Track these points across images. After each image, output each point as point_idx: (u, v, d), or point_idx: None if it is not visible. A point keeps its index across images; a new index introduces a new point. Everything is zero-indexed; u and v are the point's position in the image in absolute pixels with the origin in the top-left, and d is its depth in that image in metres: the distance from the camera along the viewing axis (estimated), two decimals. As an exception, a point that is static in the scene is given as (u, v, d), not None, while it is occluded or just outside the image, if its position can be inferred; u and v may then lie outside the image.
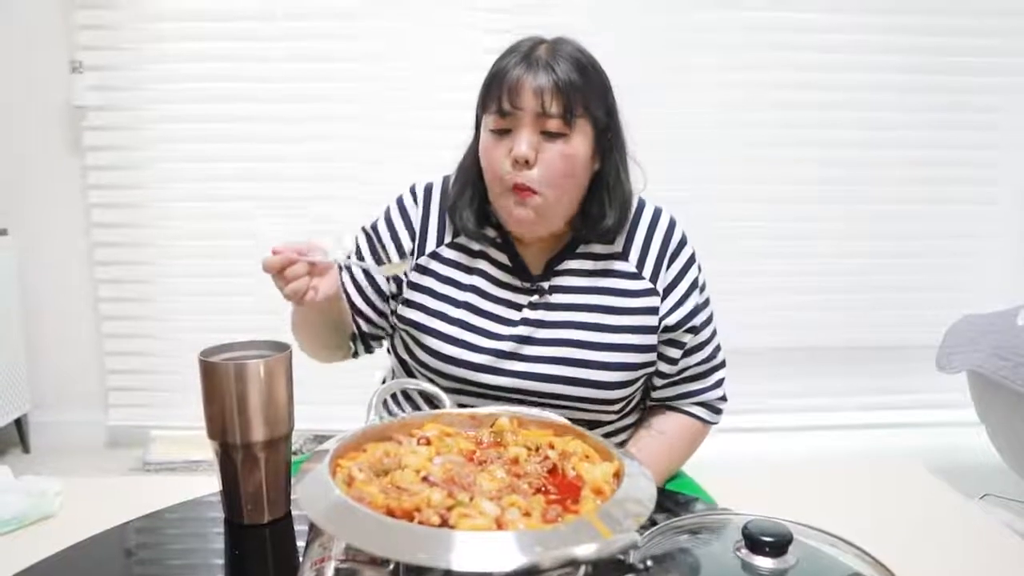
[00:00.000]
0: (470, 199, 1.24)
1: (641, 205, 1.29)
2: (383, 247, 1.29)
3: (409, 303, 1.26)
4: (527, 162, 1.12)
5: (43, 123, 2.92)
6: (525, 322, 1.21)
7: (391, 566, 0.66)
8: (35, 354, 3.02)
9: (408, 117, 2.94)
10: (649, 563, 0.63)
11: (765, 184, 3.12)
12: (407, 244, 1.28)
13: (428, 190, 1.32)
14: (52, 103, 2.90)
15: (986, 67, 3.12)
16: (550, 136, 1.12)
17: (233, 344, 0.98)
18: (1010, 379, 2.23)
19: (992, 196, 3.25)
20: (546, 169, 1.12)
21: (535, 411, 0.90)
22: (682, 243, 1.28)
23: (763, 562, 0.67)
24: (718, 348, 1.33)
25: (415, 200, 1.31)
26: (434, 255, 1.27)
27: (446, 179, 1.32)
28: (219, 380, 0.92)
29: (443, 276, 1.25)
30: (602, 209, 1.21)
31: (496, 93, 1.13)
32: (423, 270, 1.26)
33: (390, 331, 1.34)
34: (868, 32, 3.05)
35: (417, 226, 1.29)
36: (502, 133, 1.14)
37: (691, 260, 1.28)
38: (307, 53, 2.90)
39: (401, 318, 1.27)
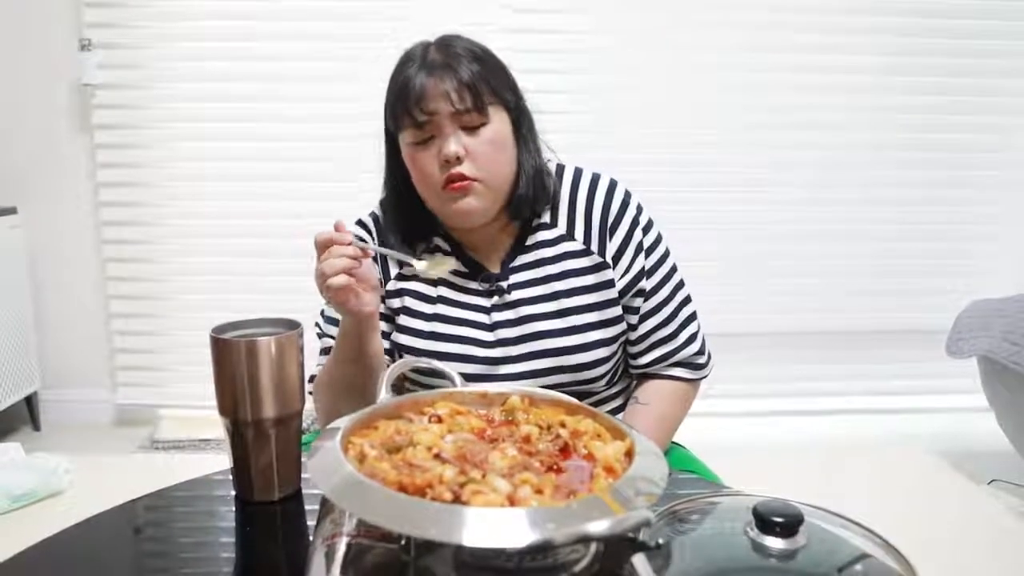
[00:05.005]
0: (408, 220, 1.25)
1: (578, 175, 1.29)
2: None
3: (393, 326, 1.28)
4: (458, 159, 1.13)
5: (52, 101, 2.93)
6: (498, 325, 1.23)
7: (403, 542, 0.66)
8: (44, 332, 3.03)
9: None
10: (660, 541, 0.63)
11: (769, 169, 3.11)
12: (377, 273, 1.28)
13: (375, 218, 1.32)
14: (61, 81, 2.90)
15: (995, 48, 3.11)
16: (471, 130, 1.14)
17: (244, 322, 0.98)
18: (1020, 364, 2.22)
19: (1002, 180, 3.23)
20: (477, 160, 1.14)
21: (546, 391, 0.90)
22: (623, 207, 1.26)
23: (773, 542, 0.66)
24: (683, 304, 1.31)
25: (366, 230, 1.31)
26: (400, 276, 1.28)
27: (383, 204, 1.33)
28: (230, 357, 0.91)
29: (414, 292, 1.26)
30: (517, 183, 1.22)
31: (405, 106, 1.14)
32: (394, 294, 1.27)
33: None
34: (874, 14, 3.03)
35: (376, 254, 1.29)
36: (424, 143, 1.16)
37: (634, 223, 1.26)
38: (318, 32, 2.89)
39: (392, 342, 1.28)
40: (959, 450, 2.77)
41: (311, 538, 0.76)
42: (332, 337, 1.26)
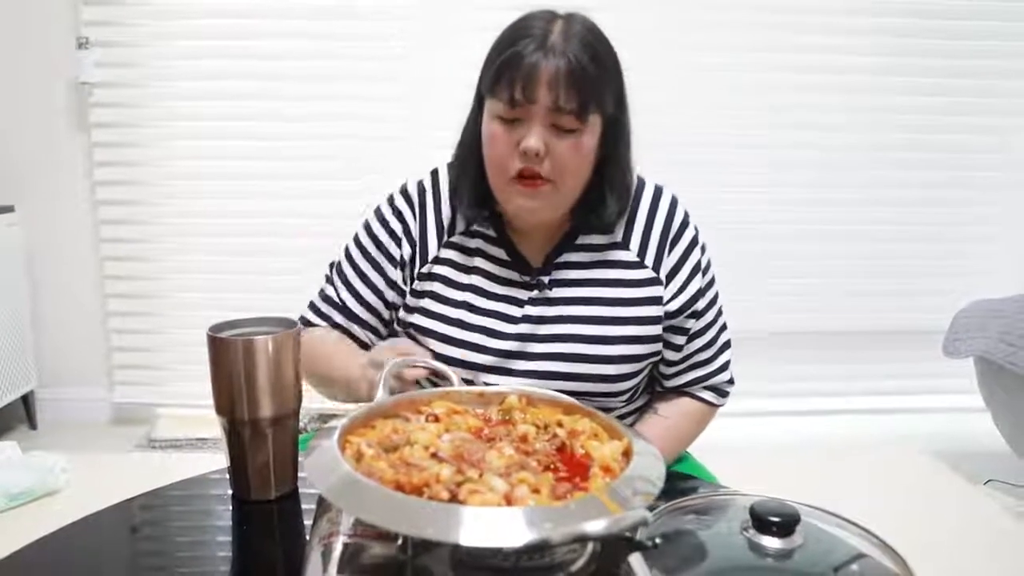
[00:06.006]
0: (471, 183, 1.19)
1: (640, 186, 1.24)
2: (387, 257, 1.25)
3: (410, 309, 1.24)
4: (537, 154, 1.07)
5: (49, 99, 2.92)
6: (527, 319, 1.19)
7: (400, 541, 0.66)
8: (41, 330, 3.02)
9: (410, 107, 2.93)
10: (657, 541, 0.63)
11: (770, 169, 3.11)
12: (407, 251, 1.24)
13: (421, 191, 1.27)
14: (58, 79, 2.90)
15: (994, 50, 3.11)
16: (561, 130, 1.08)
17: (241, 320, 0.98)
18: (1017, 365, 2.23)
19: (1000, 181, 3.23)
20: (556, 163, 1.08)
21: (543, 390, 0.90)
22: (684, 225, 1.24)
23: (770, 542, 0.67)
24: (723, 329, 1.30)
25: (409, 203, 1.26)
26: (435, 259, 1.23)
27: (435, 175, 1.28)
28: (227, 356, 0.91)
29: (443, 277, 1.22)
30: (603, 198, 1.17)
31: (508, 81, 1.06)
32: (427, 276, 1.23)
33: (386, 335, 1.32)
34: (873, 15, 3.04)
35: (416, 232, 1.24)
36: (511, 122, 1.08)
37: (693, 242, 1.24)
38: (317, 31, 2.89)
39: (402, 322, 1.25)
40: (956, 450, 2.78)
41: (308, 537, 0.76)
42: (336, 290, 1.27)
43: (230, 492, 0.97)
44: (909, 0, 3.04)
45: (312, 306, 1.30)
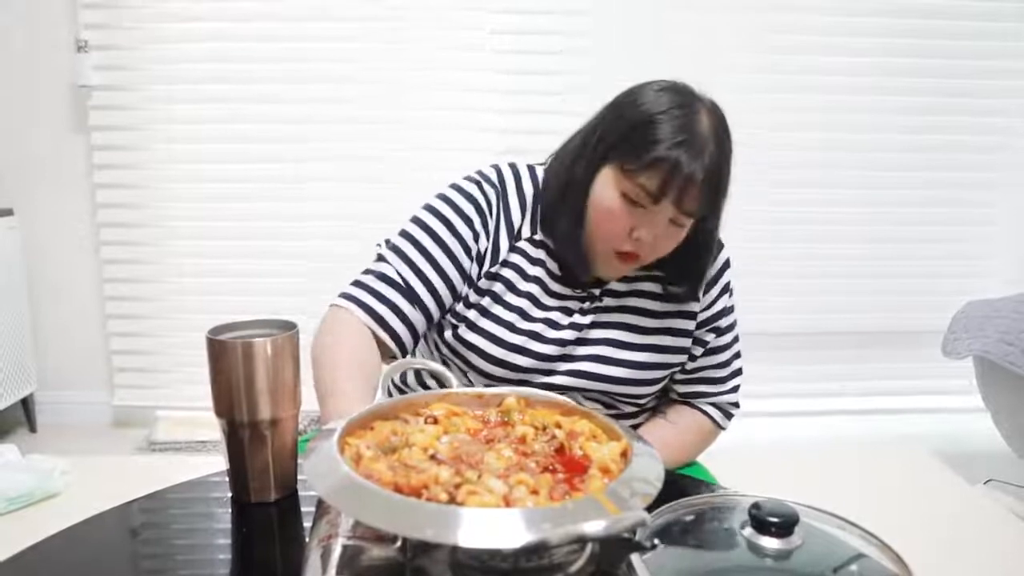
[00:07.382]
0: (570, 233, 1.18)
1: None
2: (464, 249, 1.23)
3: (469, 304, 1.23)
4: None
5: (48, 102, 2.92)
6: (573, 326, 1.21)
7: (399, 542, 0.66)
8: (41, 334, 3.03)
9: (409, 110, 2.93)
10: (656, 541, 0.63)
11: (771, 170, 3.11)
12: (483, 246, 1.24)
13: (497, 191, 1.26)
14: (57, 82, 2.90)
15: (994, 50, 3.12)
16: (675, 223, 1.11)
17: (240, 323, 0.98)
18: (1017, 364, 2.23)
19: (999, 182, 3.24)
20: (657, 246, 1.13)
21: (542, 392, 0.90)
22: (719, 246, 1.29)
23: (769, 542, 0.67)
24: (737, 355, 1.36)
25: (487, 200, 1.25)
26: (503, 262, 1.23)
27: (500, 174, 1.27)
28: (227, 358, 0.91)
29: (506, 280, 1.23)
30: (687, 274, 1.22)
31: (660, 182, 1.06)
32: (493, 276, 1.23)
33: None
34: (874, 15, 3.04)
35: (492, 229, 1.24)
36: (632, 201, 1.09)
37: (726, 264, 1.31)
38: (315, 34, 2.89)
39: (457, 314, 1.23)
40: (955, 450, 2.77)
41: (307, 539, 0.76)
42: (397, 269, 1.20)
43: (230, 495, 0.97)
44: (909, 0, 3.05)
45: (357, 283, 1.22)
